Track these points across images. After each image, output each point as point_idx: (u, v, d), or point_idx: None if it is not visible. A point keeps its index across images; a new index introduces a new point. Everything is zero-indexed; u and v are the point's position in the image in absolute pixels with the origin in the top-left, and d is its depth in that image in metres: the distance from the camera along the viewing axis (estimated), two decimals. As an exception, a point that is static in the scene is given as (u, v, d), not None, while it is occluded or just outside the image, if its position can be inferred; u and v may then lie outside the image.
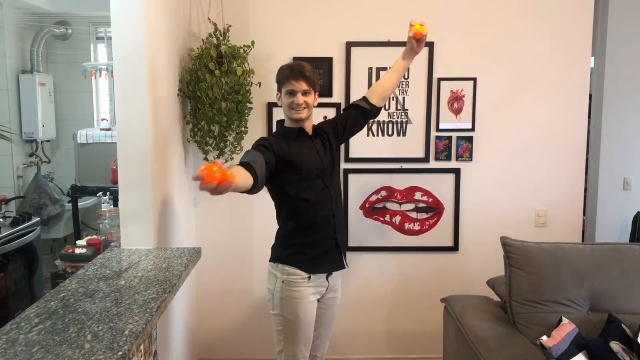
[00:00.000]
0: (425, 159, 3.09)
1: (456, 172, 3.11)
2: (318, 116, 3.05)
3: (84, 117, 4.65)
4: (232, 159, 2.98)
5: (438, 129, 3.07)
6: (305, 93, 2.11)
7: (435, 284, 3.15)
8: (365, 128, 3.05)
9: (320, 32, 3.00)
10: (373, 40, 2.99)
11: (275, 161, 2.06)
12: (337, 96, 3.03)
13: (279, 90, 2.18)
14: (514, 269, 2.36)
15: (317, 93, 2.19)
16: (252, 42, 2.85)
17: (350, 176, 3.09)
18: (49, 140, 4.59)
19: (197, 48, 2.82)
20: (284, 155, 2.10)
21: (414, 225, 3.13)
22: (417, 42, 2.33)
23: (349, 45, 2.99)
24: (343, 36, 3.00)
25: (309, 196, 2.15)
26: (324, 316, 2.29)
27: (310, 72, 2.13)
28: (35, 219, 3.54)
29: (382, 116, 3.05)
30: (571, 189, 3.15)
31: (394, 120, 3.06)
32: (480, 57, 3.04)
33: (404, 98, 3.05)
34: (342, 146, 3.05)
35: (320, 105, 2.97)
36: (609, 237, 3.91)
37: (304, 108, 2.12)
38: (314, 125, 2.28)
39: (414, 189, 3.10)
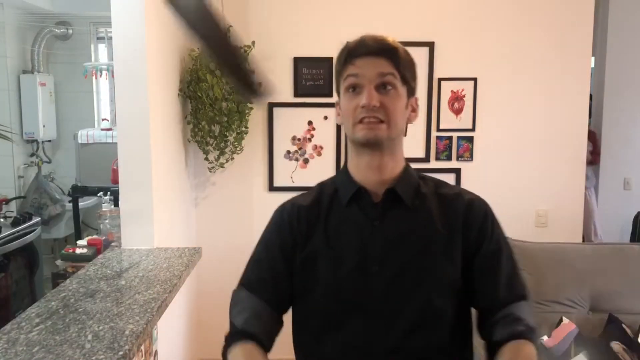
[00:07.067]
0: (426, 159, 3.09)
1: (457, 172, 3.10)
2: (318, 116, 3.05)
3: (85, 117, 4.64)
4: (232, 159, 2.98)
5: (438, 129, 3.07)
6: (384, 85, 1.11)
7: (436, 284, 3.15)
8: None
9: (320, 32, 3.00)
10: (373, 40, 2.99)
11: None
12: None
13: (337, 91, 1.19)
14: (514, 269, 2.36)
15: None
16: (253, 43, 2.85)
17: (351, 176, 3.08)
18: (49, 141, 4.59)
19: (198, 48, 2.82)
20: None
21: (414, 225, 3.13)
22: None
23: (350, 45, 2.99)
24: (343, 36, 2.98)
25: None
26: None
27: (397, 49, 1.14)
28: (36, 219, 3.53)
29: (383, 116, 3.05)
30: (571, 189, 3.15)
31: (394, 120, 3.06)
32: (481, 57, 3.04)
33: (404, 98, 3.05)
34: (342, 146, 3.06)
35: (321, 105, 2.99)
36: (609, 237, 3.91)
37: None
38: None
39: (414, 189, 3.11)
